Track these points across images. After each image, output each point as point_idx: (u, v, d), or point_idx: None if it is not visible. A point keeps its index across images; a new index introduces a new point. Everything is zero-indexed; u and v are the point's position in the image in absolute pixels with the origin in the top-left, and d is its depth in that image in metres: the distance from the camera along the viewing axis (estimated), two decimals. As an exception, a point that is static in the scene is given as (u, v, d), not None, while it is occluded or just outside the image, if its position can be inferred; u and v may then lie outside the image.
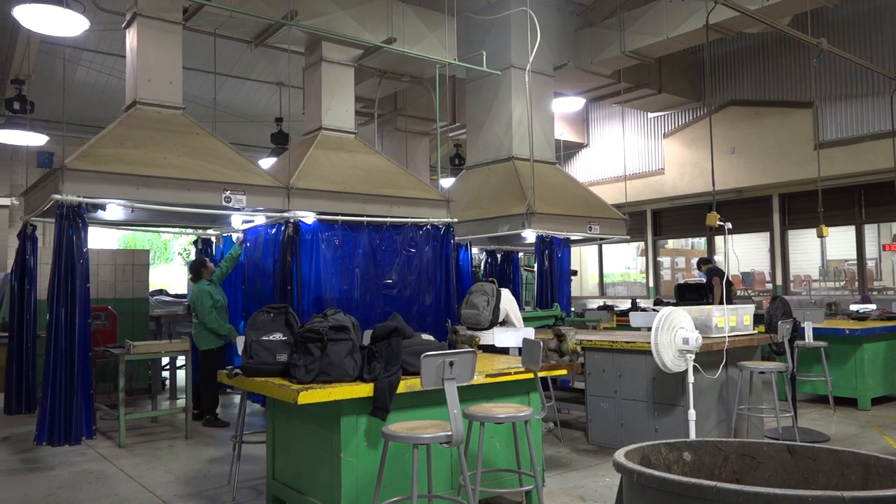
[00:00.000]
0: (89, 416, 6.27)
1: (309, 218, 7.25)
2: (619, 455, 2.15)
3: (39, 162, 12.35)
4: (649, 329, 5.07)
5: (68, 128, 7.33)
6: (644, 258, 14.66)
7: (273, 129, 11.61)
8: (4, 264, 11.68)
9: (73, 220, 6.11)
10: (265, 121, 12.16)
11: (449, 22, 9.17)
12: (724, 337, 5.52)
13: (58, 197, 5.98)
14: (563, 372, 4.89)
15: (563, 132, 14.10)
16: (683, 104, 13.15)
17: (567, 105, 12.48)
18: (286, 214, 7.13)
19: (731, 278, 10.48)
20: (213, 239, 8.96)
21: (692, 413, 4.84)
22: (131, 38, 7.24)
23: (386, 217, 7.74)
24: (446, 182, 12.28)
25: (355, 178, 7.77)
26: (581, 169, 15.20)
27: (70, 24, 6.71)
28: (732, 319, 5.91)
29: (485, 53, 9.42)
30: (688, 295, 10.20)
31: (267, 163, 10.46)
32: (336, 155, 7.99)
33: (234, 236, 8.35)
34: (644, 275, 14.69)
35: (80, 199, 6.10)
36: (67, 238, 6.09)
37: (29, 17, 6.58)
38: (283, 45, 8.36)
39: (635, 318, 7.97)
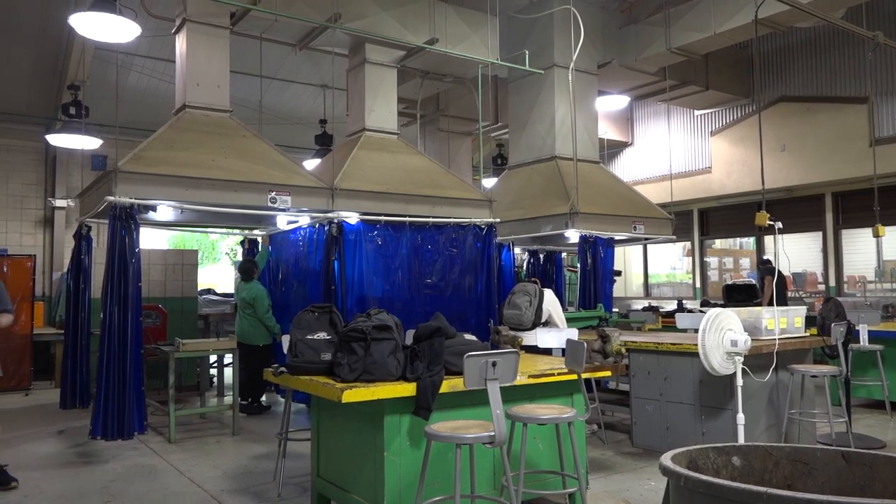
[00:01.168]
0: (141, 412, 6.44)
1: (352, 218, 7.32)
2: (666, 459, 2.11)
3: (94, 165, 12.74)
4: (696, 331, 4.97)
5: (121, 131, 7.52)
6: (690, 258, 14.38)
7: (317, 130, 11.75)
8: (61, 264, 12.10)
9: (126, 221, 6.29)
10: (309, 122, 12.31)
11: (491, 21, 9.15)
12: (775, 339, 5.38)
13: (111, 198, 6.16)
14: (608, 374, 4.83)
15: (607, 131, 13.93)
16: (731, 101, 12.86)
17: (611, 103, 12.32)
18: (330, 215, 7.21)
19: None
20: (259, 239, 9.12)
21: (741, 417, 4.73)
22: (181, 43, 7.42)
23: (428, 217, 7.77)
24: (489, 182, 12.25)
25: (398, 179, 7.82)
26: (625, 168, 15.00)
27: (123, 31, 6.91)
28: (783, 321, 5.76)
29: (527, 52, 9.37)
30: (736, 296, 9.96)
31: (311, 164, 10.59)
32: (379, 156, 8.05)
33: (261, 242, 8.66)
34: (690, 275, 14.42)
35: (133, 200, 6.27)
36: (120, 238, 6.26)
37: (84, 25, 6.79)
38: (327, 47, 8.46)
39: (681, 320, 7.83)
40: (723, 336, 4.73)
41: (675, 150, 13.78)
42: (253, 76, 9.52)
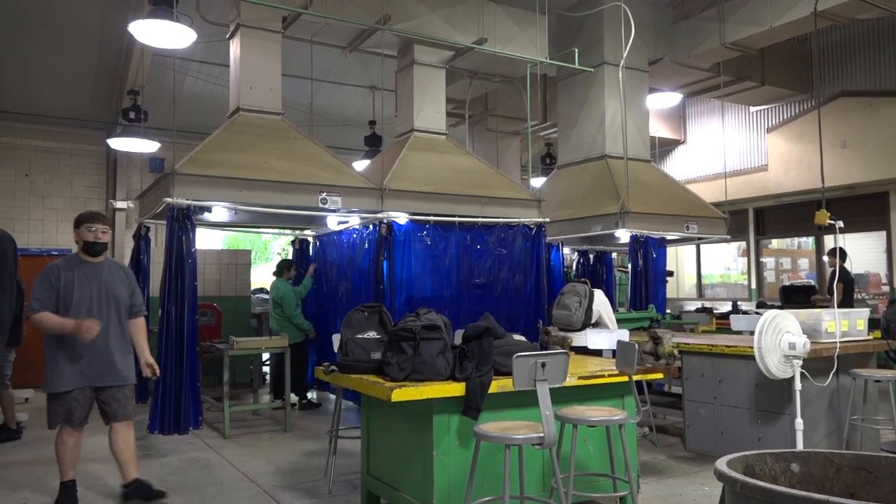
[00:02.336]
0: (197, 408, 6.62)
1: (402, 218, 7.37)
2: (721, 463, 2.06)
3: (152, 167, 13.14)
4: (751, 333, 4.85)
5: (178, 134, 7.75)
6: (746, 258, 14.01)
7: (366, 131, 11.87)
8: (122, 263, 12.50)
9: (183, 222, 6.47)
10: (359, 124, 12.44)
11: (540, 20, 9.09)
12: (835, 342, 5.19)
13: (169, 200, 6.35)
14: (660, 376, 4.76)
15: (659, 129, 13.68)
16: (789, 97, 12.47)
17: (662, 101, 12.09)
18: (379, 215, 7.27)
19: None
20: (311, 239, 9.26)
21: (799, 422, 4.59)
22: (234, 47, 7.59)
23: (477, 217, 7.76)
24: (537, 182, 12.17)
25: (447, 179, 7.83)
26: (677, 166, 14.71)
27: (179, 37, 7.10)
28: (844, 324, 5.56)
29: (577, 51, 9.28)
30: (794, 297, 9.66)
31: (361, 165, 10.71)
32: (428, 156, 8.08)
33: (311, 267, 8.77)
34: (745, 276, 14.04)
35: (189, 201, 6.45)
36: (177, 239, 6.45)
37: (143, 32, 7.01)
38: (377, 49, 8.53)
39: (736, 322, 7.64)
40: (780, 339, 4.59)
41: (730, 147, 13.45)
42: (304, 79, 9.68)
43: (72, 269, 4.35)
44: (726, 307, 10.86)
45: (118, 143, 10.70)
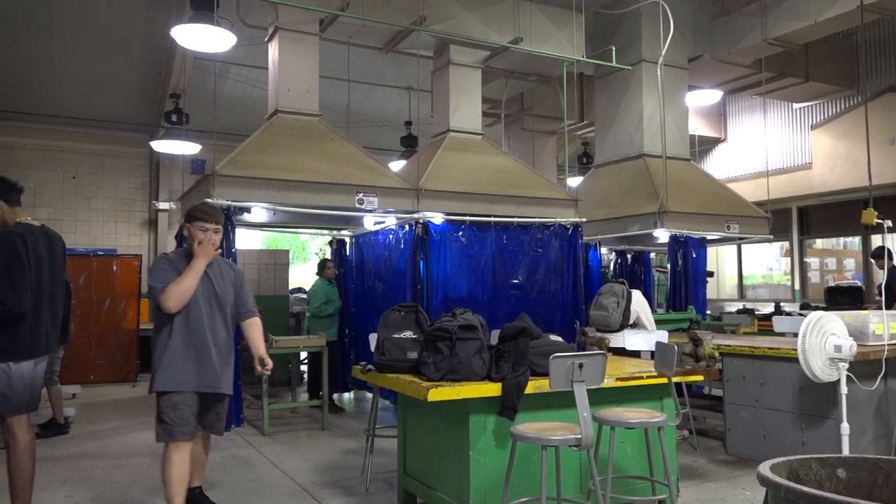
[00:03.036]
0: (237, 406, 6.73)
1: (437, 218, 7.39)
2: (765, 468, 2.02)
3: (193, 168, 13.32)
4: (795, 335, 4.73)
5: (218, 136, 7.91)
6: (789, 259, 13.69)
7: (402, 132, 11.92)
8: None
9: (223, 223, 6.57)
10: (395, 125, 12.51)
11: (577, 18, 9.02)
12: (884, 345, 5.04)
13: (210, 201, 6.46)
14: (700, 378, 4.68)
15: (698, 127, 13.45)
16: (834, 93, 12.15)
17: (702, 98, 11.88)
18: (415, 215, 7.30)
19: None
20: (347, 240, 9.34)
21: (845, 427, 4.46)
22: (273, 50, 7.70)
23: (513, 217, 7.74)
24: (574, 181, 12.08)
25: (483, 179, 7.83)
26: (718, 165, 14.44)
27: (220, 41, 7.23)
28: (893, 326, 5.39)
29: (614, 49, 9.18)
30: (840, 299, 9.40)
31: (397, 165, 10.76)
32: (464, 156, 8.08)
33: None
34: (788, 277, 13.73)
35: (229, 202, 6.56)
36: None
37: (185, 37, 7.15)
38: (412, 49, 8.57)
39: (779, 323, 7.47)
40: (825, 341, 4.48)
41: (772, 145, 13.16)
42: (340, 80, 9.77)
43: (181, 265, 3.93)
44: (768, 308, 10.63)
45: (161, 146, 10.94)
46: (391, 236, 8.04)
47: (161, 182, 13.50)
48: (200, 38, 7.16)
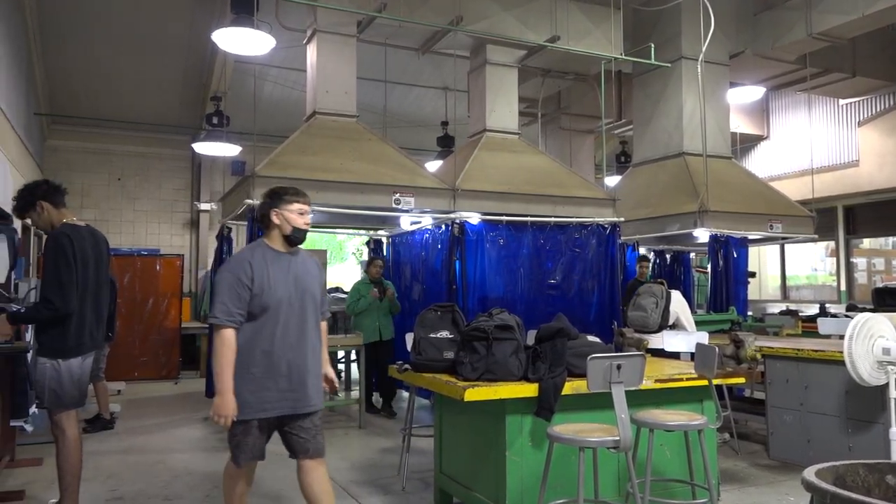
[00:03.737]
0: (276, 403, 6.79)
1: (474, 218, 7.38)
2: (810, 473, 1.97)
3: (233, 170, 13.63)
4: (841, 337, 4.61)
5: (258, 138, 8.03)
6: (834, 259, 13.33)
7: (439, 132, 11.94)
8: (206, 263, 13.05)
9: (262, 223, 6.67)
10: (431, 125, 12.54)
11: (615, 15, 8.92)
12: (935, 348, 4.88)
13: (249, 202, 6.56)
14: (741, 380, 4.59)
15: (740, 124, 13.19)
16: (882, 88, 11.79)
17: (744, 95, 11.65)
18: (452, 215, 7.30)
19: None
20: (384, 240, 9.39)
21: (894, 431, 4.33)
22: (311, 53, 7.78)
23: (550, 217, 7.69)
24: (612, 180, 11.96)
25: (519, 179, 7.80)
26: (760, 163, 14.14)
27: (259, 44, 7.34)
28: (945, 329, 5.21)
29: (653, 46, 9.05)
30: (889, 300, 9.12)
31: (433, 165, 10.79)
32: (500, 156, 8.07)
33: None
34: (834, 277, 13.37)
35: (268, 203, 6.64)
36: (257, 239, 6.65)
37: (225, 40, 7.27)
38: (449, 50, 8.58)
39: (824, 325, 7.29)
40: (873, 344, 4.35)
41: (817, 142, 12.84)
42: (378, 81, 9.84)
43: (266, 263, 3.26)
44: (813, 310, 10.37)
45: (202, 148, 11.14)
46: (427, 236, 8.06)
47: (202, 183, 13.77)
48: (240, 41, 7.27)
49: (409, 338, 4.67)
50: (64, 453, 3.96)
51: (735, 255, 8.70)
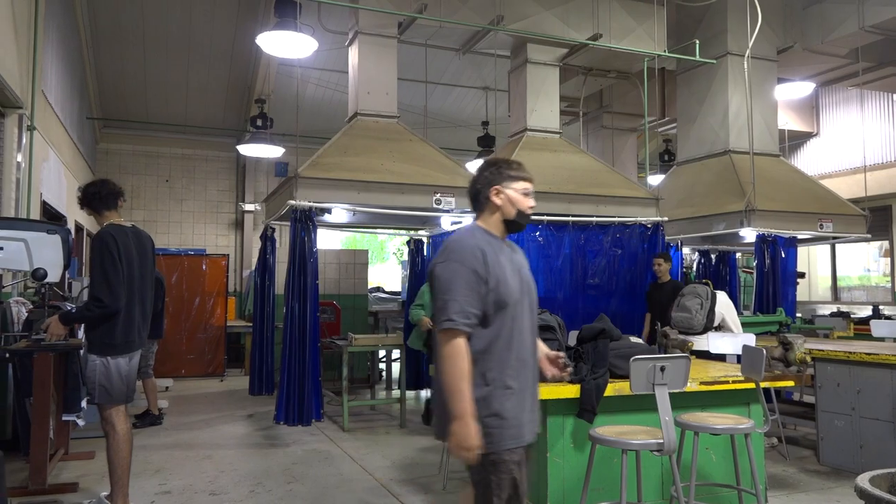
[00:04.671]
0: (318, 401, 6.90)
1: (514, 218, 7.34)
2: (863, 480, 1.91)
3: (277, 171, 13.86)
4: (895, 340, 4.46)
5: (300, 140, 8.14)
6: (888, 259, 12.90)
7: (479, 132, 11.94)
8: (250, 262, 13.29)
9: (305, 223, 6.77)
10: (472, 125, 12.55)
11: (658, 12, 8.79)
12: None
13: (292, 202, 6.66)
14: (790, 383, 4.47)
15: (788, 121, 12.87)
16: (940, 82, 11.37)
17: (793, 91, 11.36)
18: (493, 215, 7.27)
19: None
20: (425, 240, 9.43)
21: (953, 439, 4.17)
22: (353, 54, 7.86)
23: (592, 217, 7.62)
24: (655, 179, 11.79)
25: (560, 178, 7.74)
26: (809, 160, 13.77)
27: (302, 47, 7.44)
28: None
29: (697, 42, 8.90)
30: (946, 302, 8.80)
31: (474, 166, 10.78)
32: (541, 155, 8.02)
33: None
34: (888, 278, 12.94)
35: (311, 203, 6.74)
36: (300, 239, 6.76)
37: (269, 44, 7.40)
38: (489, 50, 8.56)
39: (878, 328, 7.06)
40: (930, 347, 4.20)
41: (870, 139, 12.44)
42: (418, 82, 9.88)
43: (495, 251, 2.57)
44: (865, 312, 10.06)
45: (247, 150, 11.35)
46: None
47: (247, 184, 14.03)
48: (284, 44, 7.38)
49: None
50: (114, 447, 4.08)
51: (783, 255, 8.48)
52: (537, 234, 7.42)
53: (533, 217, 7.79)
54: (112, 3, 9.59)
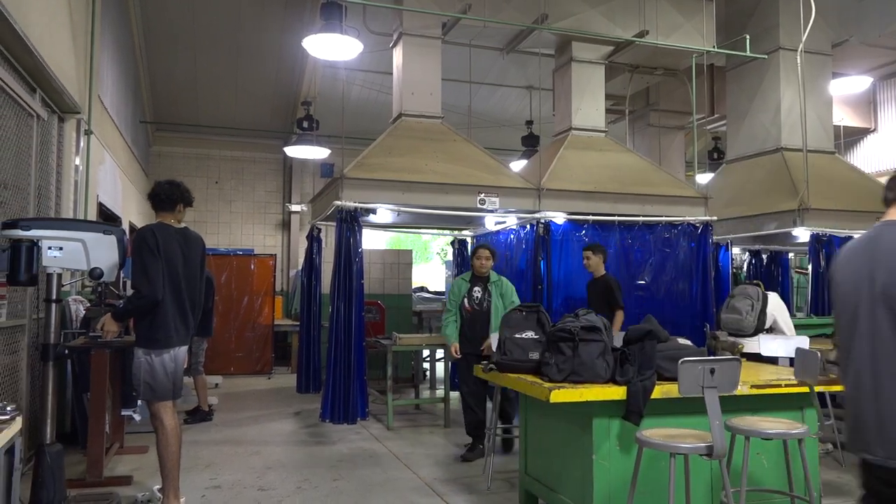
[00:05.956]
0: (363, 400, 6.97)
1: (559, 218, 7.30)
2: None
3: (322, 172, 14.03)
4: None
5: (346, 141, 8.22)
6: (951, 260, 12.37)
7: (524, 131, 11.88)
8: (296, 262, 13.49)
9: (350, 224, 6.85)
10: (516, 124, 12.49)
11: (707, 7, 8.61)
12: None
13: (338, 203, 6.74)
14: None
15: (844, 117, 12.44)
16: None
17: (848, 86, 10.99)
18: (537, 215, 7.25)
19: None
20: (469, 240, 9.43)
21: None
22: (397, 55, 7.91)
23: (638, 216, 7.51)
24: (704, 178, 11.55)
25: (606, 178, 7.65)
26: (867, 157, 13.29)
27: (347, 49, 7.51)
28: None
29: (748, 37, 8.68)
30: None
31: (518, 165, 10.73)
32: (586, 155, 7.94)
33: None
34: (951, 279, 12.40)
35: (356, 204, 6.81)
36: (346, 239, 6.83)
37: (315, 46, 7.49)
38: (533, 48, 8.52)
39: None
40: None
41: (932, 134, 11.94)
42: (462, 82, 9.88)
43: None
44: (927, 314, 9.67)
45: (293, 151, 11.53)
46: (512, 236, 8.02)
47: (293, 186, 14.26)
48: (329, 46, 7.46)
49: (495, 338, 4.66)
50: (163, 442, 4.19)
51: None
52: (582, 233, 7.34)
53: (578, 217, 7.67)
54: (164, 4, 9.85)
